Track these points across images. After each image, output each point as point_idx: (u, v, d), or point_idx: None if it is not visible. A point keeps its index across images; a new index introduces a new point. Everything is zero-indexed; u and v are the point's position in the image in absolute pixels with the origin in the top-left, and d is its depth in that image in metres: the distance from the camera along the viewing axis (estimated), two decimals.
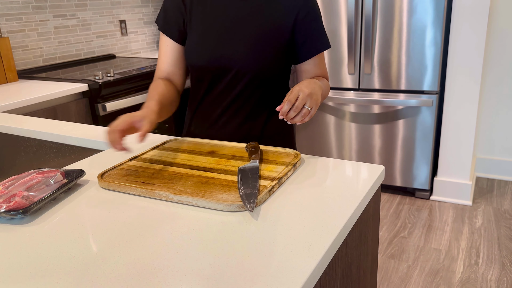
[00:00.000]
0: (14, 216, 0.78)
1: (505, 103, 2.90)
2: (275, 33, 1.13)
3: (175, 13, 1.17)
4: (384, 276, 2.08)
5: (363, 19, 2.60)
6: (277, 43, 1.13)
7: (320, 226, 0.72)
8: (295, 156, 1.00)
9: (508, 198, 2.76)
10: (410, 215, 2.62)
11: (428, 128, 2.63)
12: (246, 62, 1.12)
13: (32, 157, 1.39)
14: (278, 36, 1.13)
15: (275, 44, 1.13)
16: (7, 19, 2.40)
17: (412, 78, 2.59)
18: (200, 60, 1.15)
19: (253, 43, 1.12)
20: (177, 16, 1.17)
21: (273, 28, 1.12)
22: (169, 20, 1.18)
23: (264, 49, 1.13)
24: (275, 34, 1.13)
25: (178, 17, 1.17)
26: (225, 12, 1.13)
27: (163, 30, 1.19)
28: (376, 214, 0.97)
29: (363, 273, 0.93)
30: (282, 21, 1.13)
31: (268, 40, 1.12)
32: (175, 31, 1.18)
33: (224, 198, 0.81)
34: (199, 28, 1.15)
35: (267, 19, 1.12)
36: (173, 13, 1.17)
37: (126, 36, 3.16)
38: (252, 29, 1.12)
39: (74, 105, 2.12)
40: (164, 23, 1.19)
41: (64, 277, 0.62)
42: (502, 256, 2.17)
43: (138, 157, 1.04)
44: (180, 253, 0.67)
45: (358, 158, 2.88)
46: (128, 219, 0.78)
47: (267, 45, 1.12)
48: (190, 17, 1.16)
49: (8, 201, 0.79)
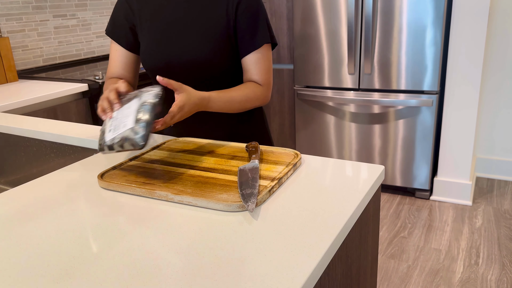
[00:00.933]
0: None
1: (505, 103, 2.90)
2: (217, 29, 1.14)
3: (122, 21, 1.21)
4: (384, 276, 2.08)
5: (363, 19, 2.60)
6: (220, 38, 1.14)
7: (320, 226, 0.72)
8: (295, 156, 1.00)
9: (508, 198, 2.76)
10: (410, 215, 2.62)
11: (428, 128, 2.63)
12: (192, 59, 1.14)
13: (32, 157, 1.39)
14: (220, 32, 1.14)
15: (220, 39, 1.14)
16: (7, 19, 2.40)
17: (412, 78, 2.59)
18: (151, 63, 1.19)
19: (198, 40, 1.14)
20: (124, 24, 1.21)
21: (216, 23, 1.14)
22: (117, 27, 1.22)
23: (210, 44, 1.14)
24: (217, 30, 1.14)
25: (125, 24, 1.21)
26: (170, 13, 1.16)
27: (111, 36, 1.24)
28: (376, 214, 0.97)
29: (363, 273, 0.93)
30: (223, 17, 1.14)
31: (212, 35, 1.14)
32: (122, 37, 1.22)
33: (224, 198, 0.81)
34: (148, 32, 1.19)
35: (210, 15, 1.14)
36: (121, 21, 1.21)
37: None
38: (196, 26, 1.14)
39: (74, 105, 2.12)
40: (112, 30, 1.23)
41: (64, 277, 0.62)
42: (502, 256, 2.17)
43: (138, 157, 1.04)
44: (180, 253, 0.67)
45: (358, 158, 2.88)
46: (128, 219, 0.78)
47: (212, 40, 1.14)
48: (139, 21, 1.19)
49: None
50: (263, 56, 1.17)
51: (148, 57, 1.19)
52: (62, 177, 0.99)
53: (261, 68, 1.17)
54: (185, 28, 1.15)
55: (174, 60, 1.15)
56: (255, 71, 1.17)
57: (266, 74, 1.18)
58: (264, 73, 1.18)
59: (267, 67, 1.18)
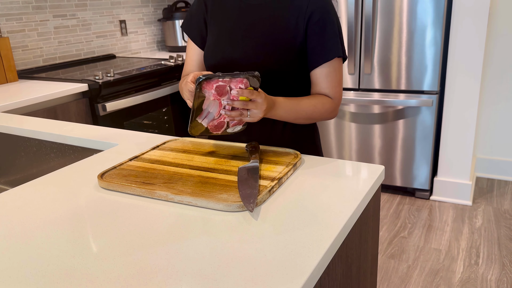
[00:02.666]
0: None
1: (505, 103, 2.90)
2: (283, 39, 1.11)
3: (198, 17, 1.21)
4: (384, 276, 2.08)
5: (363, 19, 2.60)
6: (284, 47, 1.11)
7: (320, 226, 0.72)
8: (295, 156, 1.00)
9: (508, 198, 2.76)
10: (410, 215, 2.62)
11: (428, 128, 2.63)
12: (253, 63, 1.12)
13: (32, 157, 1.39)
14: (286, 41, 1.11)
15: (285, 47, 1.11)
16: (7, 19, 2.40)
17: (412, 78, 2.59)
18: (212, 60, 1.17)
19: (262, 46, 1.12)
20: (199, 21, 1.20)
21: (284, 32, 1.11)
22: (193, 24, 1.22)
23: (273, 52, 1.11)
24: (283, 39, 1.11)
25: (201, 21, 1.20)
26: (240, 15, 1.15)
27: (187, 34, 1.23)
28: (376, 214, 0.97)
29: (363, 273, 0.93)
30: (292, 27, 1.11)
31: (277, 43, 1.11)
32: (197, 36, 1.21)
33: (224, 198, 0.81)
34: (216, 30, 1.18)
35: (279, 23, 1.12)
36: (197, 18, 1.21)
37: (126, 36, 3.16)
38: (262, 32, 1.12)
39: (74, 105, 2.12)
40: (188, 27, 1.23)
41: (64, 277, 0.62)
42: (502, 256, 2.17)
43: (138, 157, 1.04)
44: (180, 253, 0.67)
45: (358, 158, 2.88)
46: (128, 219, 0.78)
47: (276, 48, 1.11)
48: (210, 20, 1.19)
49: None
50: (334, 70, 1.12)
51: (210, 54, 1.17)
52: (62, 177, 0.99)
53: (332, 81, 1.12)
54: (251, 33, 1.13)
55: (235, 62, 1.13)
56: (325, 84, 1.12)
57: (336, 87, 1.13)
58: (334, 86, 1.13)
59: (338, 80, 1.13)
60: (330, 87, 1.12)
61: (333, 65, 1.11)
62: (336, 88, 1.13)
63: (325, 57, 1.10)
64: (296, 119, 1.09)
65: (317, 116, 1.12)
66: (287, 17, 1.11)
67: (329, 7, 1.11)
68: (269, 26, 1.12)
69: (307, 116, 1.10)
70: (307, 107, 1.09)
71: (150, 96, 2.46)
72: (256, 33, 1.13)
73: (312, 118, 1.12)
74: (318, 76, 1.12)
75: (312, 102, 1.10)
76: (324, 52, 1.10)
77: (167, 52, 3.31)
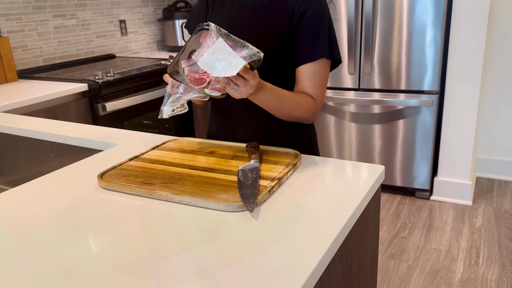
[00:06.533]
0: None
1: (505, 103, 2.90)
2: (275, 36, 1.13)
3: (200, 17, 1.23)
4: (384, 276, 2.08)
5: (363, 19, 2.60)
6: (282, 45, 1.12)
7: (320, 226, 0.72)
8: (295, 156, 1.00)
9: (508, 198, 2.76)
10: (410, 215, 2.62)
11: (428, 128, 2.63)
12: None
13: (32, 157, 1.39)
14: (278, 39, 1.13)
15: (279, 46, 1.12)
16: (7, 19, 2.40)
17: (412, 78, 2.59)
18: None
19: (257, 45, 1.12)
20: (201, 20, 1.23)
21: (278, 31, 1.13)
22: (195, 24, 1.24)
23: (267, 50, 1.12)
24: (275, 37, 1.13)
25: (202, 20, 1.22)
26: (237, 15, 1.17)
27: (188, 30, 1.26)
28: (376, 214, 0.97)
29: (363, 273, 0.93)
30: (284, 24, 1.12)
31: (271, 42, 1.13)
32: None
33: (224, 198, 0.81)
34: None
35: (273, 23, 1.13)
36: (199, 18, 1.23)
37: (126, 36, 3.15)
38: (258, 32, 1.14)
39: (74, 105, 2.11)
40: (191, 27, 1.26)
41: (64, 277, 0.62)
42: (502, 256, 2.17)
43: (138, 157, 1.04)
44: (180, 253, 0.67)
45: (358, 158, 2.88)
46: (128, 219, 0.78)
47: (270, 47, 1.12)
48: (210, 19, 1.21)
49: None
50: (319, 71, 1.10)
51: None
52: (62, 177, 0.98)
53: (315, 82, 1.10)
54: (246, 31, 1.14)
55: None
56: (308, 83, 1.10)
57: (319, 89, 1.11)
58: (317, 87, 1.11)
59: (322, 82, 1.12)
60: (313, 87, 1.11)
61: (319, 66, 1.10)
62: (319, 89, 1.12)
63: (310, 56, 1.09)
64: (276, 110, 1.07)
65: (297, 114, 1.10)
66: (281, 16, 1.13)
67: (321, 8, 1.11)
68: (264, 25, 1.14)
69: (288, 110, 1.08)
70: (291, 101, 1.07)
71: (150, 96, 2.46)
72: (251, 31, 1.15)
73: (291, 114, 1.10)
74: (302, 74, 1.11)
75: (297, 98, 1.09)
76: (310, 51, 1.10)
77: (167, 52, 3.31)
